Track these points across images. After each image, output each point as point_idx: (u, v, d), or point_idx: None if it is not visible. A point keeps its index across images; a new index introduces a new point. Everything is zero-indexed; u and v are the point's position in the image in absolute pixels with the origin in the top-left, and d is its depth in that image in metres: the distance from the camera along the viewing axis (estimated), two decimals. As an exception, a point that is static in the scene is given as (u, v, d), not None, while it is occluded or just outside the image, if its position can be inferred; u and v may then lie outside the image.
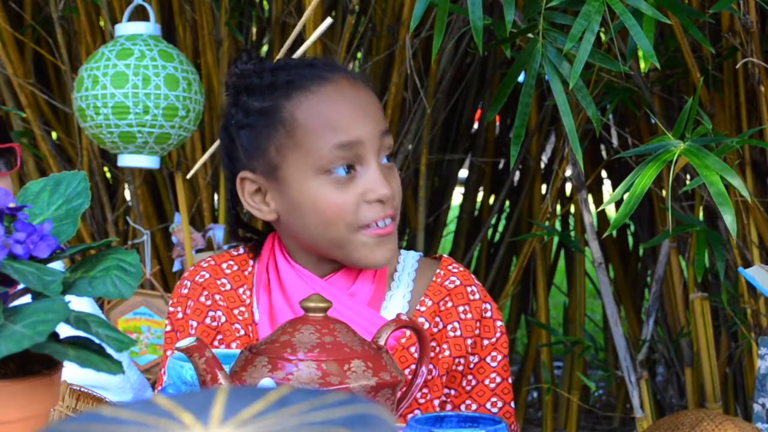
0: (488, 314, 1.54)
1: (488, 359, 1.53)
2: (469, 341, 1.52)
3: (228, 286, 1.58)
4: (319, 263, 1.55)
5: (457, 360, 1.52)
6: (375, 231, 1.48)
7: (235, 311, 1.56)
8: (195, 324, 1.56)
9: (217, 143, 1.78)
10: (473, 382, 1.52)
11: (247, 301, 1.57)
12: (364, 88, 1.53)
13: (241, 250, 1.62)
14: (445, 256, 1.61)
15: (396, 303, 1.56)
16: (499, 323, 1.55)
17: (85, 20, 2.52)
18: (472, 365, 1.52)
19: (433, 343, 1.53)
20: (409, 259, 1.61)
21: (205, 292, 1.57)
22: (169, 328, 1.58)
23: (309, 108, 1.48)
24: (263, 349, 1.16)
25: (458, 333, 1.52)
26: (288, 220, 1.52)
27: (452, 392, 1.53)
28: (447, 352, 1.52)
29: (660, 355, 3.10)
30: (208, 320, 1.56)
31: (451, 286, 1.55)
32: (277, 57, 1.90)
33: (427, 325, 1.52)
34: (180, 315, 1.57)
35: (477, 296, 1.54)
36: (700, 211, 2.29)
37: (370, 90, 1.55)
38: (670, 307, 2.74)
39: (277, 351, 1.14)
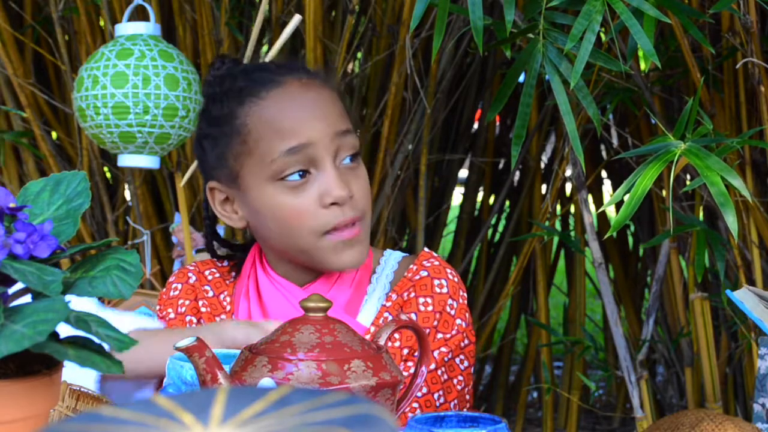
0: (451, 311, 1.51)
1: (435, 353, 1.49)
2: None
3: (210, 293, 1.59)
4: (298, 271, 1.54)
5: (406, 350, 1.50)
6: (338, 236, 1.47)
7: (216, 319, 1.56)
8: (195, 320, 1.56)
9: None
10: (411, 370, 1.48)
11: (228, 308, 1.57)
12: (318, 89, 1.50)
13: (225, 262, 1.63)
14: (426, 250, 1.59)
15: (371, 306, 1.55)
16: (459, 321, 1.51)
17: (85, 20, 2.52)
18: (416, 353, 1.49)
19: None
20: (391, 260, 1.59)
21: (198, 295, 1.58)
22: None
23: (257, 114, 1.47)
24: (263, 349, 1.16)
25: None
26: (256, 227, 1.52)
27: None
28: (398, 343, 1.50)
29: (660, 355, 3.09)
30: (203, 322, 1.57)
31: (417, 278, 1.53)
32: (269, 55, 1.90)
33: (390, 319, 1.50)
34: (172, 315, 1.57)
35: (444, 290, 1.51)
36: (700, 211, 2.29)
37: (326, 90, 1.51)
38: (670, 307, 2.74)
39: (277, 351, 1.14)
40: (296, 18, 1.76)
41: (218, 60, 1.57)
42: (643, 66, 2.06)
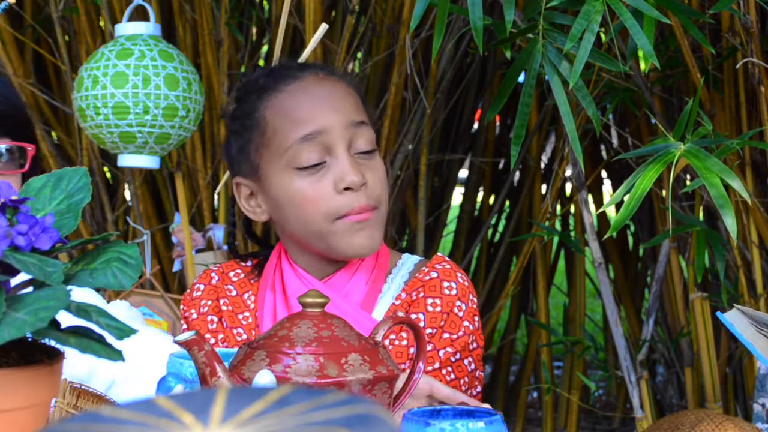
0: (459, 312, 1.53)
1: (441, 352, 1.52)
2: (429, 330, 1.52)
3: (234, 292, 1.62)
4: (318, 264, 1.58)
5: (412, 348, 1.51)
6: (350, 218, 1.51)
7: (239, 316, 1.60)
8: (216, 319, 1.61)
9: None
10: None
11: (252, 306, 1.61)
12: (333, 82, 1.57)
13: (249, 262, 1.67)
14: (439, 254, 1.62)
15: (385, 304, 1.57)
16: (466, 323, 1.54)
17: (85, 20, 2.52)
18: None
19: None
20: (408, 262, 1.63)
21: (220, 294, 1.62)
22: (185, 326, 1.63)
23: (275, 106, 1.54)
24: (262, 343, 1.17)
25: (421, 324, 1.52)
26: (276, 218, 1.57)
27: None
28: (405, 342, 1.52)
29: (660, 355, 3.10)
30: (224, 320, 1.59)
31: (427, 278, 1.56)
32: (276, 54, 1.92)
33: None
34: (195, 315, 1.61)
35: (453, 292, 1.54)
36: (700, 211, 2.29)
37: (342, 83, 1.58)
38: (670, 307, 2.74)
39: (276, 345, 1.15)
40: (323, 26, 1.80)
41: (251, 69, 1.65)
42: (643, 66, 2.06)
